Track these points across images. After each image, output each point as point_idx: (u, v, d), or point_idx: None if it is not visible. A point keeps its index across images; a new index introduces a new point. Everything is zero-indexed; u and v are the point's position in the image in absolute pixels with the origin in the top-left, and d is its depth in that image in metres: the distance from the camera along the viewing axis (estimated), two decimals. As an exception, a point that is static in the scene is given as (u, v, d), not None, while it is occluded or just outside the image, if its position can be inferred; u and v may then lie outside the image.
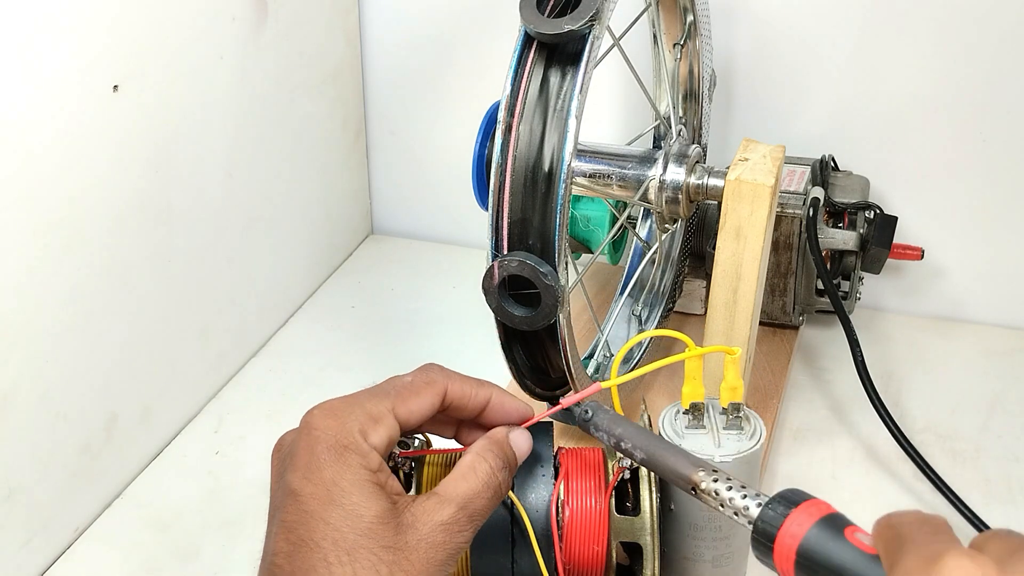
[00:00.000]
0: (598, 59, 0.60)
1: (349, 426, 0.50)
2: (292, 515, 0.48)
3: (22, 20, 0.61)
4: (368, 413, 0.51)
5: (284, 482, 0.49)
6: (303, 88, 0.91)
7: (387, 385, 0.53)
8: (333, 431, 0.49)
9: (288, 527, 0.48)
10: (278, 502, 0.49)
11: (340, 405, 0.51)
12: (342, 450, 0.49)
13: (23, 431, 0.66)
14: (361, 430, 0.50)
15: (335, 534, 0.47)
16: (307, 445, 0.49)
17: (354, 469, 0.48)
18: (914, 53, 0.87)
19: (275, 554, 0.47)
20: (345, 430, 0.49)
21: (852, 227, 0.84)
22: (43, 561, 0.69)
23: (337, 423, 0.50)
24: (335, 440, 0.49)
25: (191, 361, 0.81)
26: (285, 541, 0.47)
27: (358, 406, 0.51)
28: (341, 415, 0.50)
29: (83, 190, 0.67)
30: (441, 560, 0.49)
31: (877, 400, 0.73)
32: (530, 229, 0.60)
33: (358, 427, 0.50)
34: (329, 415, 0.50)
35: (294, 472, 0.49)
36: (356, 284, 1.00)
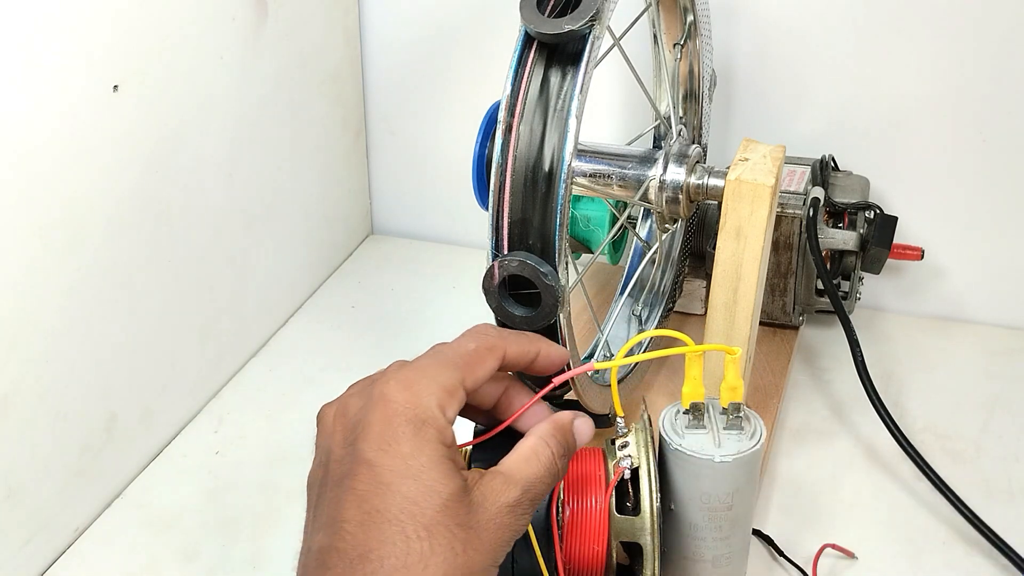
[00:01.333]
0: (598, 59, 0.60)
1: (427, 400, 0.49)
2: (365, 484, 0.47)
3: (22, 20, 0.61)
4: (443, 386, 0.50)
5: (356, 450, 0.48)
6: (303, 88, 0.91)
7: (451, 353, 0.53)
8: (411, 404, 0.49)
9: (361, 496, 0.47)
10: (346, 469, 0.48)
11: (415, 376, 0.50)
12: (421, 424, 0.48)
13: (23, 431, 0.66)
14: (440, 404, 0.50)
15: (413, 508, 0.46)
16: (384, 416, 0.49)
17: (432, 444, 0.48)
18: (914, 53, 0.87)
19: (344, 521, 0.47)
20: (423, 404, 0.49)
21: (852, 227, 0.84)
22: (43, 561, 0.69)
23: (414, 396, 0.49)
24: (414, 414, 0.49)
25: (191, 361, 0.81)
26: (357, 509, 0.47)
27: (432, 379, 0.50)
28: (417, 388, 0.50)
29: (83, 190, 0.67)
30: (506, 540, 0.49)
31: (877, 400, 0.73)
32: (530, 229, 0.60)
33: (436, 401, 0.50)
34: (405, 387, 0.49)
35: (367, 442, 0.48)
36: (356, 284, 1.00)
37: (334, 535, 0.47)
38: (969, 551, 0.69)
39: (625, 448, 0.59)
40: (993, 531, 0.68)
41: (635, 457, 0.58)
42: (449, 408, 0.50)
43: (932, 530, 0.71)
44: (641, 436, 0.59)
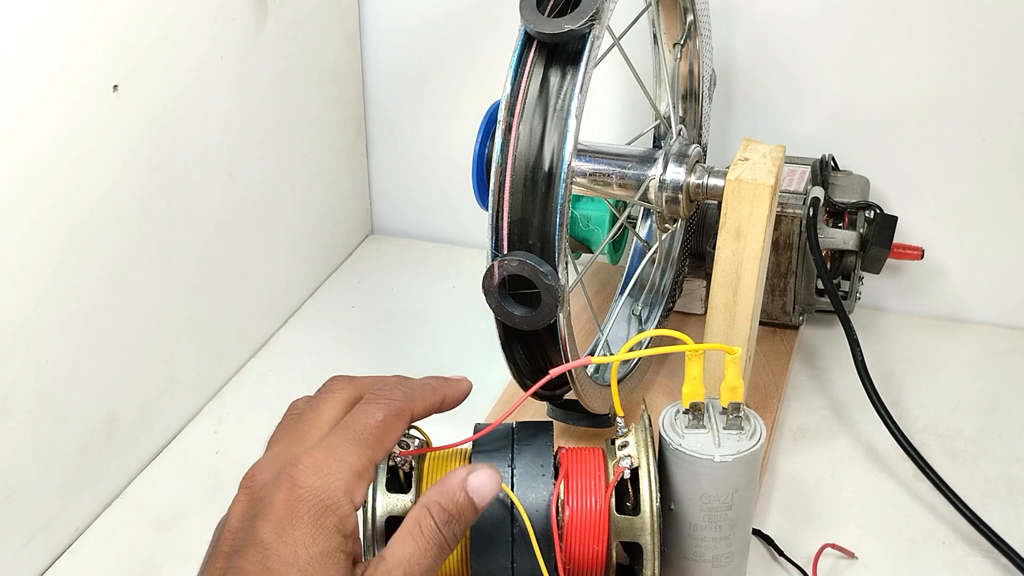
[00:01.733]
0: (598, 59, 0.60)
1: (334, 486, 0.49)
2: (252, 565, 0.47)
3: (22, 20, 0.61)
4: (353, 469, 0.50)
5: (253, 528, 0.48)
6: (303, 88, 0.91)
7: (361, 429, 0.51)
8: (318, 490, 0.48)
9: None
10: (238, 543, 0.48)
11: (324, 460, 0.49)
12: (323, 511, 0.48)
13: (23, 431, 0.66)
14: (347, 489, 0.49)
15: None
16: (287, 500, 0.48)
17: (328, 534, 0.48)
18: (914, 53, 0.87)
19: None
20: (329, 490, 0.48)
21: (852, 227, 0.84)
22: (43, 561, 0.69)
23: (322, 482, 0.48)
24: (318, 500, 0.48)
25: (191, 361, 0.81)
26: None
27: (342, 462, 0.49)
28: (326, 473, 0.49)
29: (83, 190, 0.67)
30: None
31: (877, 400, 0.73)
32: (530, 229, 0.60)
33: (343, 486, 0.49)
34: (314, 471, 0.49)
35: (266, 522, 0.48)
36: (356, 284, 1.00)
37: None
38: (969, 551, 0.69)
39: (625, 448, 0.59)
40: (993, 531, 0.68)
41: (635, 457, 0.58)
42: (357, 493, 0.49)
43: (932, 530, 0.71)
44: (641, 436, 0.59)
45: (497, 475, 0.53)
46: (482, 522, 0.56)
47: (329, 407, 0.54)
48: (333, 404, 0.54)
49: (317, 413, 0.54)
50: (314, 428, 0.53)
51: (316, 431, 0.53)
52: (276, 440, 0.54)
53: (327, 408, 0.54)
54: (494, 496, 0.53)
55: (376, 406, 0.53)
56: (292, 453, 0.50)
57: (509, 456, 0.59)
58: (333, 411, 0.54)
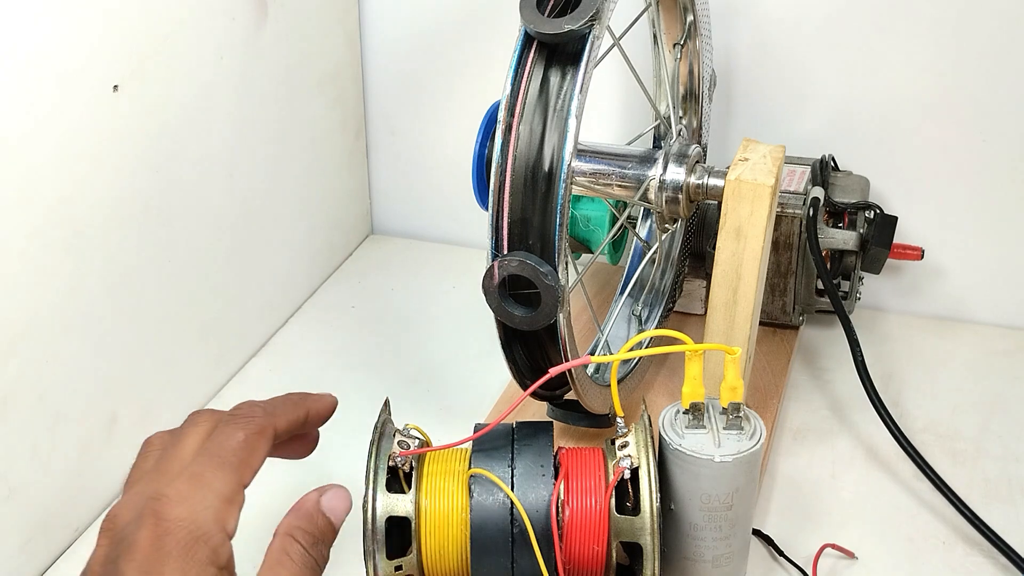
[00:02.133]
0: (598, 59, 0.60)
1: (203, 515, 0.46)
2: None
3: (22, 19, 0.61)
4: (221, 495, 0.48)
5: (116, 570, 0.45)
6: (303, 88, 0.91)
7: (223, 451, 0.50)
8: (186, 521, 0.46)
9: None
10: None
11: (189, 490, 0.47)
12: (193, 543, 0.46)
13: (23, 431, 0.66)
14: (217, 518, 0.47)
15: None
16: (153, 536, 0.46)
17: (200, 567, 0.45)
18: (914, 53, 0.87)
19: None
20: (198, 520, 0.46)
21: (852, 227, 0.84)
22: (43, 561, 0.69)
23: (190, 512, 0.46)
24: (187, 531, 0.46)
25: (191, 361, 0.81)
26: None
27: (209, 489, 0.48)
28: (193, 502, 0.47)
29: (83, 190, 0.67)
30: None
31: (877, 400, 0.73)
32: (530, 229, 0.60)
33: (213, 515, 0.47)
34: (181, 503, 0.47)
35: (130, 562, 0.45)
36: (356, 284, 1.00)
37: None
38: (969, 551, 0.69)
39: (625, 448, 0.59)
40: (993, 531, 0.68)
41: (635, 457, 0.58)
42: (229, 520, 0.48)
43: (932, 530, 0.71)
44: (641, 436, 0.59)
45: (347, 492, 0.53)
46: (482, 522, 0.56)
47: (191, 439, 0.52)
48: (194, 436, 0.52)
49: (179, 447, 0.51)
50: (176, 461, 0.50)
51: (179, 463, 0.50)
52: (135, 480, 0.51)
53: (189, 440, 0.52)
54: (347, 513, 0.53)
55: (235, 427, 0.52)
56: (154, 488, 0.48)
57: (509, 456, 0.59)
58: (195, 442, 0.51)
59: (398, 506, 0.58)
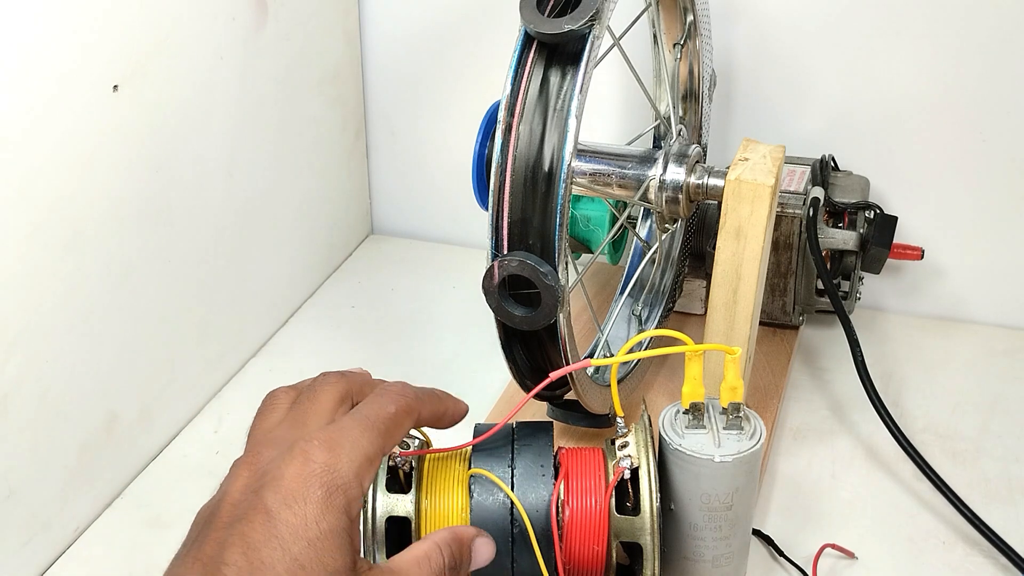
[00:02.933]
0: (598, 59, 0.60)
1: (346, 467, 0.49)
2: (259, 533, 0.46)
3: (22, 19, 0.61)
4: (365, 454, 0.50)
5: (259, 498, 0.47)
6: (303, 88, 0.91)
7: (374, 416, 0.52)
8: (330, 468, 0.48)
9: (251, 544, 0.46)
10: (240, 513, 0.47)
11: (338, 439, 0.49)
12: (334, 490, 0.48)
13: (23, 431, 0.66)
14: (357, 473, 0.49)
15: (299, 572, 0.46)
16: (299, 473, 0.48)
17: (337, 513, 0.47)
18: (914, 53, 0.87)
19: (226, 564, 0.46)
20: (341, 470, 0.48)
21: (852, 227, 0.84)
22: (43, 561, 0.69)
23: (334, 460, 0.48)
24: (330, 478, 0.48)
25: (191, 361, 0.81)
26: (243, 557, 0.46)
27: (355, 445, 0.50)
28: (339, 453, 0.49)
29: (83, 190, 0.67)
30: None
31: (877, 400, 0.73)
32: (530, 229, 0.60)
33: (355, 469, 0.49)
34: (328, 449, 0.49)
35: (274, 492, 0.47)
36: (356, 284, 1.00)
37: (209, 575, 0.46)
38: (969, 551, 0.69)
39: (625, 448, 0.59)
40: (993, 531, 0.68)
41: (635, 457, 0.58)
42: (366, 478, 0.49)
43: (932, 530, 0.71)
44: (641, 436, 0.59)
45: (493, 549, 0.55)
46: (482, 522, 0.56)
47: (326, 397, 0.54)
48: (329, 395, 0.54)
49: (315, 402, 0.53)
50: (313, 416, 0.53)
51: (316, 418, 0.52)
52: (269, 425, 0.53)
53: (324, 398, 0.54)
54: (484, 563, 0.54)
55: (388, 399, 0.53)
56: (301, 432, 0.50)
57: (509, 456, 0.59)
58: (330, 401, 0.54)
59: (398, 506, 0.58)
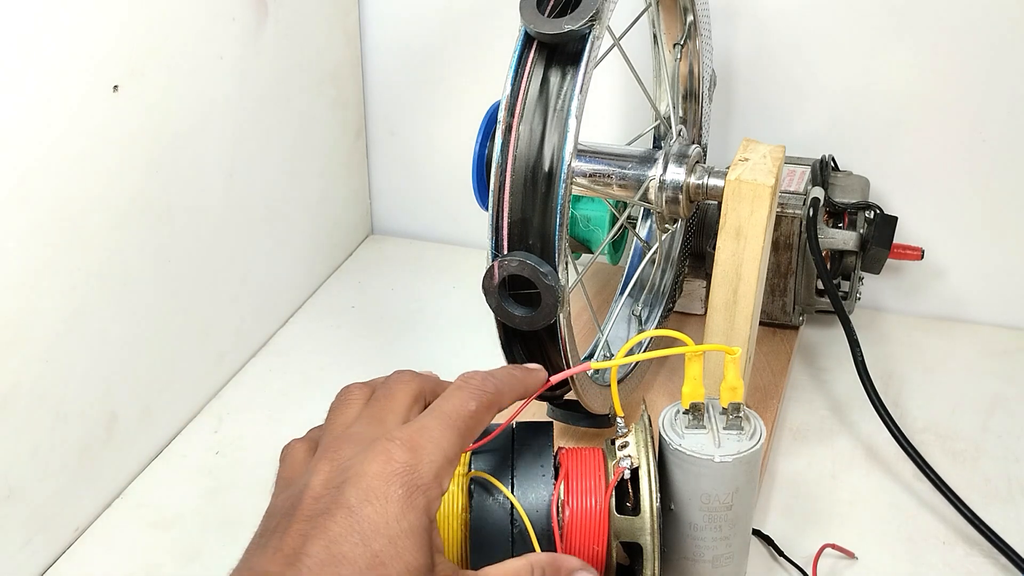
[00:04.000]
0: (598, 59, 0.60)
1: (427, 468, 0.49)
2: (340, 528, 0.46)
3: (22, 19, 0.61)
4: (445, 455, 0.50)
5: (340, 494, 0.48)
6: (303, 88, 0.91)
7: (455, 415, 0.52)
8: (411, 468, 0.48)
9: (332, 538, 0.46)
10: (321, 507, 0.48)
11: (420, 440, 0.49)
12: (414, 490, 0.48)
13: (23, 431, 0.66)
14: (437, 474, 0.49)
15: (380, 568, 0.46)
16: (381, 472, 0.48)
17: (418, 514, 0.48)
18: (914, 53, 0.87)
19: (307, 555, 0.46)
20: (422, 471, 0.48)
21: (852, 227, 0.84)
22: (43, 561, 0.69)
23: (416, 460, 0.49)
24: (411, 478, 0.48)
25: (191, 361, 0.81)
26: (324, 550, 0.46)
27: (436, 445, 0.50)
28: (421, 453, 0.49)
29: (83, 190, 0.67)
30: None
31: (877, 400, 0.73)
32: (530, 229, 0.60)
33: (435, 470, 0.49)
34: (410, 449, 0.49)
35: (356, 489, 0.47)
36: (356, 284, 1.00)
37: (290, 566, 0.46)
38: (969, 551, 0.69)
39: (625, 448, 0.59)
40: (993, 531, 0.68)
41: (635, 457, 0.58)
42: (445, 479, 0.50)
43: (932, 530, 0.71)
44: (641, 436, 0.59)
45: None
46: (482, 523, 0.56)
47: (401, 396, 0.53)
48: (404, 393, 0.54)
49: (391, 400, 0.53)
50: (390, 414, 0.52)
51: (393, 416, 0.52)
52: (344, 421, 0.53)
53: (400, 396, 0.53)
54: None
55: (469, 396, 0.53)
56: (381, 431, 0.50)
57: (509, 457, 0.58)
58: (406, 399, 0.53)
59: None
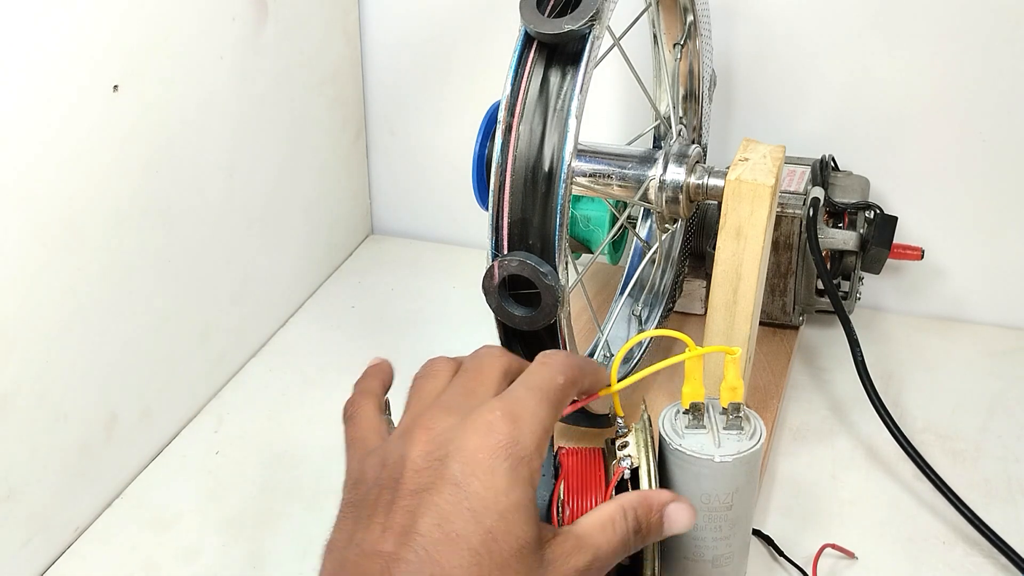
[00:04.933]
0: (598, 59, 0.60)
1: (528, 439, 0.48)
2: (449, 505, 0.46)
3: (22, 19, 0.61)
4: (543, 426, 0.49)
5: (445, 467, 0.47)
6: (303, 88, 0.91)
7: (546, 387, 0.51)
8: (514, 440, 0.48)
9: (443, 515, 0.46)
10: (426, 482, 0.47)
11: (518, 410, 0.49)
12: (518, 462, 0.47)
13: (23, 431, 0.66)
14: (538, 445, 0.49)
15: (493, 545, 0.45)
16: (485, 445, 0.47)
17: (524, 486, 0.47)
18: (914, 53, 0.87)
19: (420, 534, 0.45)
20: (524, 442, 0.48)
21: (852, 227, 0.84)
22: (43, 561, 0.69)
23: (517, 431, 0.48)
24: (515, 450, 0.47)
25: (191, 361, 0.81)
26: (437, 528, 0.45)
27: (534, 417, 0.49)
28: (521, 424, 0.48)
29: (83, 190, 0.67)
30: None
31: (877, 400, 0.73)
32: (530, 229, 0.60)
33: (536, 442, 0.48)
34: (511, 420, 0.48)
35: (461, 464, 0.47)
36: (356, 284, 1.00)
37: (403, 545, 0.45)
38: (969, 551, 0.69)
39: (625, 448, 0.59)
40: (993, 531, 0.68)
41: (635, 457, 0.58)
42: (543, 449, 0.49)
43: (932, 530, 0.71)
44: (641, 436, 0.59)
45: (693, 516, 0.53)
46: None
47: (491, 369, 0.53)
48: (494, 368, 0.53)
49: (480, 372, 0.53)
50: (482, 387, 0.52)
51: (484, 389, 0.52)
52: (429, 391, 0.53)
53: (489, 370, 0.53)
54: (685, 529, 0.53)
55: (556, 368, 0.52)
56: (475, 402, 0.50)
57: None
58: (495, 373, 0.53)
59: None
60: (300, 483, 0.76)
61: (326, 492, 0.74)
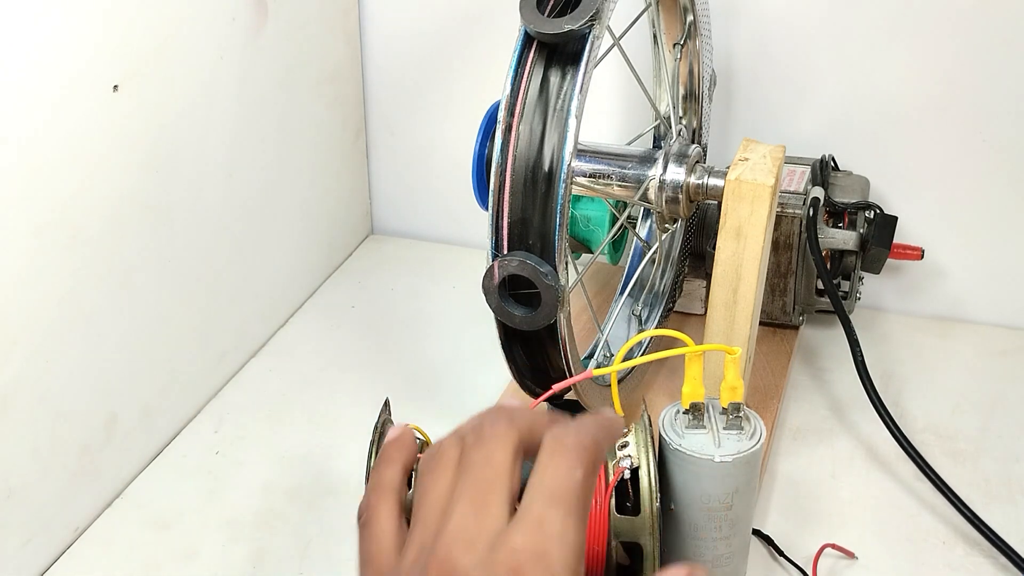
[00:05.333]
0: (598, 59, 0.60)
1: (597, 466, 0.45)
2: None
3: (22, 19, 0.61)
4: (575, 550, 0.43)
5: None
6: (303, 88, 0.91)
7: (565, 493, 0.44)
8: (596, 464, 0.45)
9: None
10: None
11: (546, 546, 0.43)
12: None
13: (23, 431, 0.66)
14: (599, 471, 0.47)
15: None
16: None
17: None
18: (914, 53, 0.87)
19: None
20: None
21: (852, 227, 0.84)
22: (43, 561, 0.69)
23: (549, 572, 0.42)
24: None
25: (191, 361, 0.81)
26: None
27: (565, 544, 0.43)
28: (552, 560, 0.42)
29: (83, 190, 0.67)
30: None
31: (877, 400, 0.73)
32: (530, 229, 0.60)
33: (571, 574, 0.43)
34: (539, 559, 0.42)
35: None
36: (356, 284, 1.00)
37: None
38: (969, 551, 0.69)
39: (625, 448, 0.59)
40: (993, 531, 0.68)
41: (635, 457, 0.58)
42: (579, 571, 0.43)
43: (932, 530, 0.71)
44: (641, 436, 0.59)
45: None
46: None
47: (501, 456, 0.46)
48: (504, 453, 0.46)
49: (491, 465, 0.45)
50: (494, 494, 0.45)
51: (497, 497, 0.45)
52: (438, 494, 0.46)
53: (499, 457, 0.46)
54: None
55: (573, 462, 0.45)
56: (490, 526, 0.44)
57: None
58: (506, 460, 0.45)
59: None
60: (300, 483, 0.76)
61: (326, 492, 0.75)
